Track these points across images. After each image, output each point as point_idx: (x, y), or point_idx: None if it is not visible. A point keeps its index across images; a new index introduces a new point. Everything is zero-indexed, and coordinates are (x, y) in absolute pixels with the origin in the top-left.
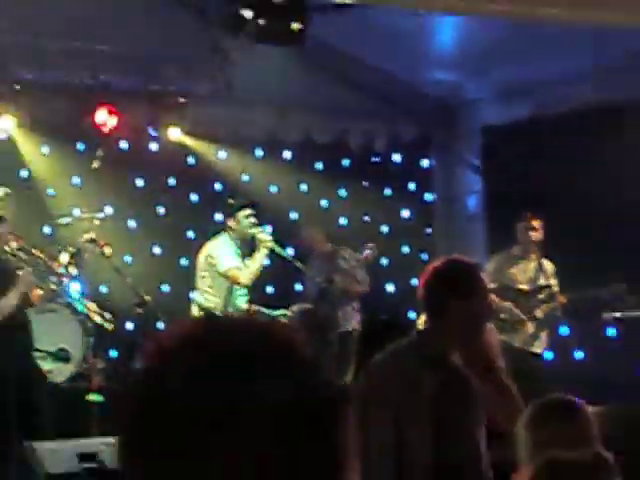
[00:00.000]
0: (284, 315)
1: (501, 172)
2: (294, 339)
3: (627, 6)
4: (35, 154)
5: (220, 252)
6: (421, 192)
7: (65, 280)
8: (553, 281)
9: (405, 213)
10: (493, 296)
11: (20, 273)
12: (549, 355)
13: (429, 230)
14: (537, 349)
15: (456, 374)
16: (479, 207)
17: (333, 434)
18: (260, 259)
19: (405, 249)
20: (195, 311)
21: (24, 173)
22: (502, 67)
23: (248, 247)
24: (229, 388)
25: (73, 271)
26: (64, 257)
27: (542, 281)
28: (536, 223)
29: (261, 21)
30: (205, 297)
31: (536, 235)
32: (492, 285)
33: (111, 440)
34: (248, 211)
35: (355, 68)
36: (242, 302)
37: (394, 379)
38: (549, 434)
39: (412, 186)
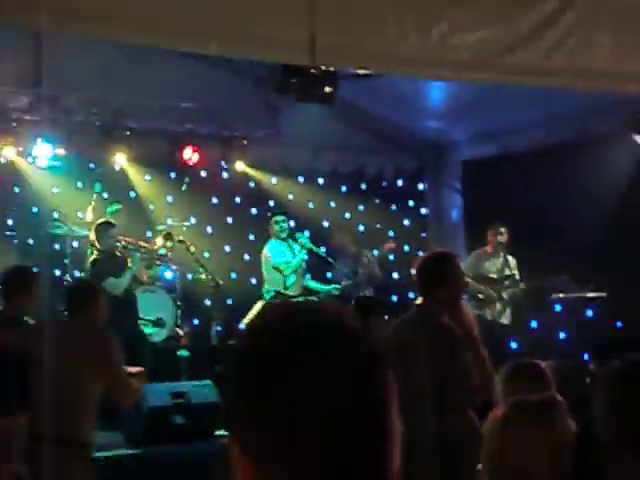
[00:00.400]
0: (336, 288)
1: (476, 193)
2: (347, 316)
3: (570, 75)
4: (140, 180)
5: (270, 252)
6: (418, 207)
7: (165, 259)
8: (515, 272)
9: (406, 222)
10: (471, 281)
11: (130, 260)
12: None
13: (424, 234)
14: (504, 321)
15: (443, 329)
16: (460, 218)
17: (382, 396)
18: (300, 257)
19: (406, 248)
20: (264, 293)
21: (132, 194)
22: (477, 117)
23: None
24: (298, 356)
25: (168, 244)
26: (159, 240)
27: (507, 272)
28: (502, 230)
29: (302, 86)
30: (267, 284)
31: (502, 238)
32: (470, 274)
33: (194, 383)
34: (275, 218)
35: (370, 119)
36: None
37: (395, 347)
38: (519, 386)
39: (411, 203)
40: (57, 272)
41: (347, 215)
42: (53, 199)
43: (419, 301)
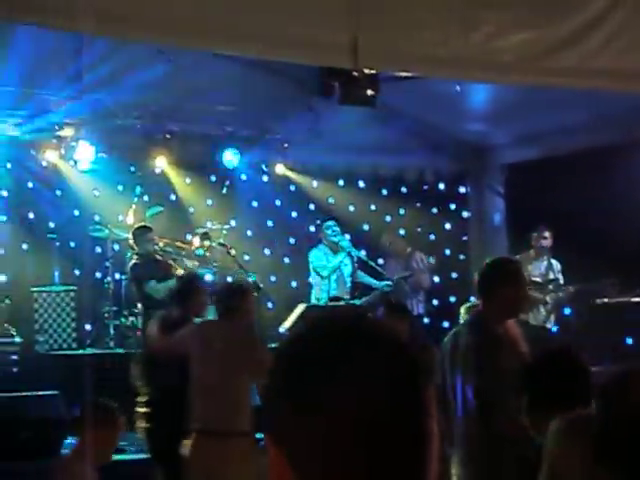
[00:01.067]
0: (387, 285)
1: (519, 196)
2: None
3: (616, 76)
4: (180, 183)
5: (314, 255)
6: (459, 211)
7: (203, 260)
8: (560, 276)
9: (447, 226)
10: None
11: (176, 264)
12: (554, 329)
13: (465, 238)
14: (548, 325)
15: (493, 333)
16: (502, 221)
17: (421, 400)
18: (338, 259)
19: (447, 252)
20: (313, 297)
21: (173, 197)
22: (520, 119)
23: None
24: (337, 357)
25: (206, 243)
26: (196, 240)
27: (551, 276)
28: (546, 233)
29: (344, 88)
30: (313, 290)
31: (546, 242)
32: None
33: None
34: (327, 224)
35: (411, 121)
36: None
37: (448, 349)
38: None
39: (452, 206)
40: (98, 274)
41: (388, 218)
42: (94, 202)
43: (471, 305)
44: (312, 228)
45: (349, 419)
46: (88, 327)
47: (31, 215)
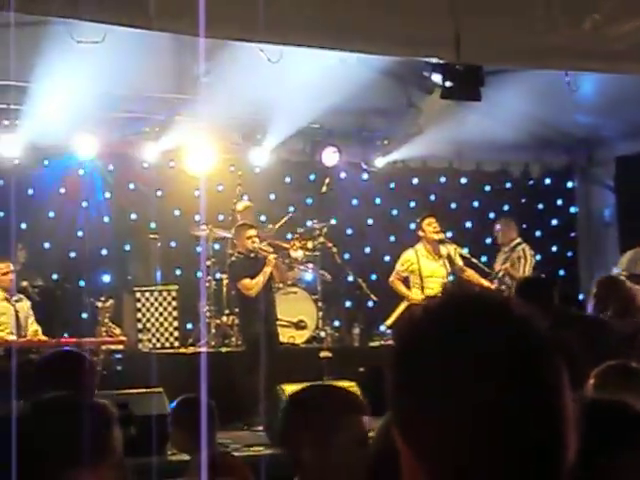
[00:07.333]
0: None
1: (631, 190)
2: (510, 301)
3: None
4: (280, 182)
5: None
6: (566, 206)
7: (302, 262)
8: None
9: (554, 222)
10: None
11: (267, 259)
12: None
13: (573, 234)
14: None
15: None
16: (613, 217)
17: (553, 381)
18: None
19: (554, 249)
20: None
21: (272, 196)
22: (631, 111)
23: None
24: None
25: (309, 245)
26: (296, 242)
27: None
28: None
29: (447, 83)
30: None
31: None
32: (624, 273)
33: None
34: (429, 220)
35: (515, 115)
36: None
37: None
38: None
39: (559, 202)
40: (199, 274)
41: (491, 215)
42: (195, 202)
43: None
44: (412, 226)
45: (476, 409)
46: (190, 326)
47: (133, 216)
